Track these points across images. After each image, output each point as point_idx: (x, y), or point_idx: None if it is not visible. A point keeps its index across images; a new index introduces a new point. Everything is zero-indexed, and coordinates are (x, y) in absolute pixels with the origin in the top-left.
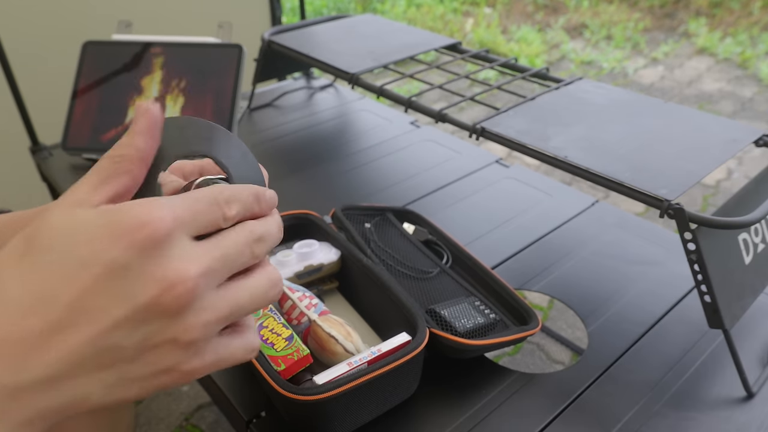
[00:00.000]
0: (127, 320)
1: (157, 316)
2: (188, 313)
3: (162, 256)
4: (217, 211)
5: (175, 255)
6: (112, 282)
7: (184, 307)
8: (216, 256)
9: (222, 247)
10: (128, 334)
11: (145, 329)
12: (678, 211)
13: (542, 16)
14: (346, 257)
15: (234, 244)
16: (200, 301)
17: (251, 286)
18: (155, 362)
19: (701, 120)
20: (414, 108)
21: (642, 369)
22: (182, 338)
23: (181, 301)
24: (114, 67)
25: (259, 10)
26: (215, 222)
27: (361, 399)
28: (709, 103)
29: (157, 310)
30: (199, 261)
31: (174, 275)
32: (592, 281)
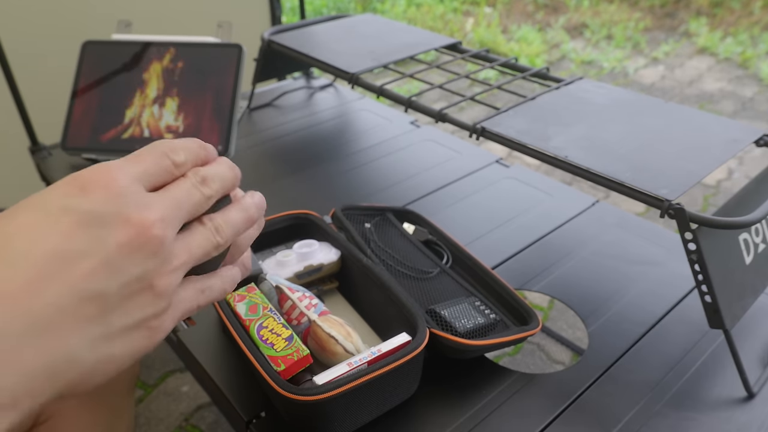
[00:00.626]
0: (105, 265)
1: (131, 259)
2: (158, 258)
3: (127, 204)
4: (165, 159)
5: (137, 203)
6: (86, 229)
7: (156, 249)
8: (168, 202)
9: (172, 192)
10: (108, 279)
11: (124, 274)
12: (678, 211)
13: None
14: (346, 257)
15: (181, 189)
16: (166, 247)
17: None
18: (136, 311)
19: (702, 120)
20: (414, 108)
21: (642, 369)
22: (156, 283)
23: (153, 243)
24: (114, 66)
25: (258, 10)
26: (166, 170)
27: (361, 399)
28: (709, 103)
29: (130, 253)
30: (158, 207)
31: (141, 219)
32: (592, 281)
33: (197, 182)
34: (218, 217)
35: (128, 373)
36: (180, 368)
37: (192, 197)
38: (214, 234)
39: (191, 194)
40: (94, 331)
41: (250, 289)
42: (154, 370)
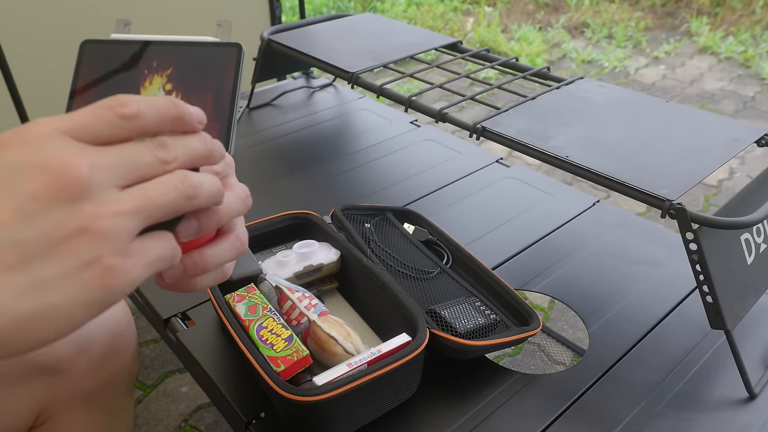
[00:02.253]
0: (19, 213)
1: (50, 205)
2: (87, 201)
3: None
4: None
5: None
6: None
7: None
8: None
9: (114, 147)
10: (25, 227)
11: (44, 221)
12: (680, 211)
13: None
14: (345, 257)
15: (128, 146)
16: (98, 191)
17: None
18: (70, 257)
19: (703, 119)
20: (414, 107)
21: (643, 370)
22: (92, 226)
23: (75, 186)
24: (112, 66)
25: (258, 9)
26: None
27: (361, 400)
28: (711, 103)
29: (47, 198)
30: (89, 155)
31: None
32: (593, 281)
33: (153, 145)
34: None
35: (127, 373)
36: (179, 369)
37: (140, 156)
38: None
39: (139, 153)
40: (19, 280)
41: (250, 290)
42: (153, 371)
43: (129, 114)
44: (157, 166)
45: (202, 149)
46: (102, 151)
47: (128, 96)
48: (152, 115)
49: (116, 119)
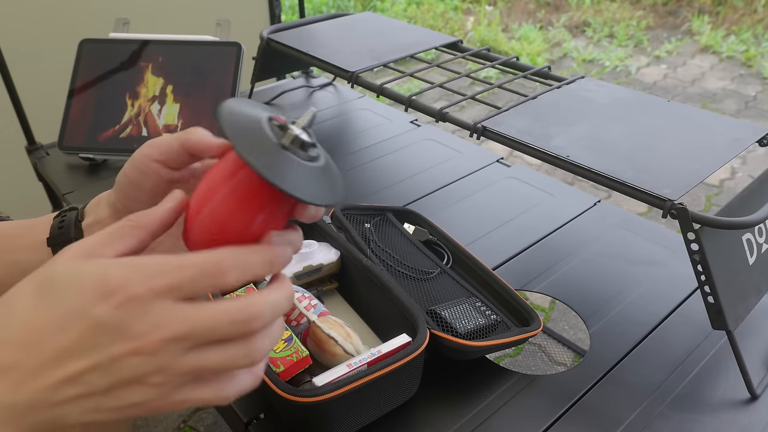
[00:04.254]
0: (101, 367)
1: (124, 367)
2: (152, 367)
3: (136, 320)
4: (206, 280)
5: (148, 321)
6: (92, 334)
7: (147, 363)
8: (187, 327)
9: (197, 318)
10: (102, 376)
11: (116, 375)
12: (681, 210)
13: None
14: (345, 258)
15: (213, 321)
16: (164, 361)
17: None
18: (125, 398)
19: (704, 119)
20: (414, 107)
21: (644, 371)
22: (148, 381)
23: (143, 358)
24: (111, 65)
25: (257, 8)
26: (202, 291)
27: (361, 401)
28: (712, 102)
29: (123, 362)
30: (167, 328)
31: (141, 338)
32: (594, 282)
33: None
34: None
35: None
36: None
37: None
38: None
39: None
40: (86, 406)
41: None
42: None
43: (226, 286)
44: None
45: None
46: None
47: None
48: (245, 281)
49: (211, 288)
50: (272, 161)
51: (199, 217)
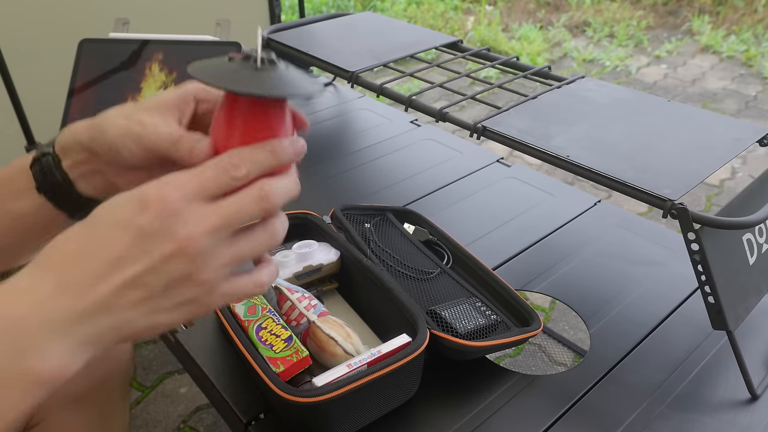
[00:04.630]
0: (152, 269)
1: (174, 265)
2: (201, 263)
3: (176, 223)
4: (224, 176)
5: (186, 221)
6: (140, 241)
7: (196, 258)
8: (219, 218)
9: (226, 208)
10: (155, 278)
11: (167, 274)
12: (681, 211)
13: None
14: (345, 258)
15: (238, 205)
16: (207, 254)
17: (253, 238)
18: (178, 296)
19: (705, 119)
20: (414, 107)
21: (645, 371)
22: (196, 278)
23: (189, 256)
24: (111, 65)
25: (257, 8)
26: (224, 186)
27: (361, 401)
28: (712, 102)
29: (173, 261)
30: (204, 223)
31: (184, 236)
32: (594, 282)
33: (257, 197)
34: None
35: (121, 374)
36: (178, 370)
37: (247, 211)
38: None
39: (247, 209)
40: (144, 309)
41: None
42: (152, 372)
43: (241, 176)
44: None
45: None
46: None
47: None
48: (257, 172)
49: (230, 180)
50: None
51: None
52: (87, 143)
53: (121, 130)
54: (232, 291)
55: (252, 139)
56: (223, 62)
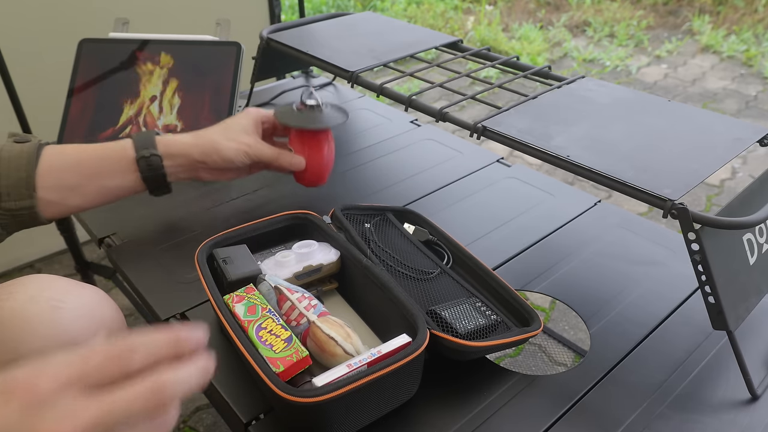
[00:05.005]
0: None
1: None
2: None
3: (43, 415)
4: (113, 364)
5: (55, 414)
6: None
7: None
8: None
9: (111, 400)
10: None
11: None
12: (681, 210)
13: (544, 14)
14: (345, 258)
15: (127, 397)
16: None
17: None
18: None
19: (705, 119)
20: (414, 107)
21: (645, 371)
22: None
23: None
24: (111, 65)
25: (257, 8)
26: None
27: (361, 401)
28: (713, 102)
29: None
30: (79, 418)
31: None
32: (594, 282)
33: (150, 390)
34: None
35: None
36: None
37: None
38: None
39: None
40: None
41: (249, 290)
42: None
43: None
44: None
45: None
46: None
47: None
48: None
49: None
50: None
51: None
52: (199, 157)
53: (234, 150)
54: None
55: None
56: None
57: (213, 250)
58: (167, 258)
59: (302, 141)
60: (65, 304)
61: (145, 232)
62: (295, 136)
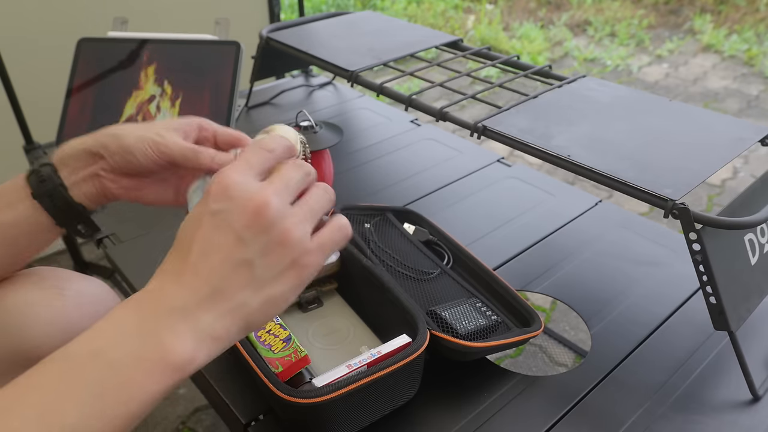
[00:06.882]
0: (240, 242)
1: (260, 229)
2: (280, 221)
3: (239, 195)
4: (260, 150)
5: (247, 191)
6: (220, 221)
7: (274, 217)
8: (277, 182)
9: (279, 176)
10: (247, 249)
11: (256, 242)
12: (683, 210)
13: (545, 13)
14: (345, 258)
15: (286, 171)
16: (283, 211)
17: (312, 194)
18: (278, 262)
19: (706, 118)
20: (414, 106)
21: (646, 371)
22: (287, 240)
23: (270, 214)
24: (109, 64)
25: (257, 7)
26: (265, 157)
27: (361, 402)
28: (714, 101)
29: (257, 225)
30: (266, 188)
31: (252, 203)
32: (595, 282)
33: (298, 166)
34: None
35: None
36: None
37: (296, 177)
38: (323, 191)
39: (294, 176)
40: (253, 285)
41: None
42: None
43: (271, 147)
44: (305, 179)
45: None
46: (272, 182)
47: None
48: (280, 149)
49: (267, 153)
50: None
51: None
52: (95, 148)
53: (138, 137)
54: (322, 241)
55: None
56: None
57: None
58: None
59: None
60: (68, 291)
61: (144, 232)
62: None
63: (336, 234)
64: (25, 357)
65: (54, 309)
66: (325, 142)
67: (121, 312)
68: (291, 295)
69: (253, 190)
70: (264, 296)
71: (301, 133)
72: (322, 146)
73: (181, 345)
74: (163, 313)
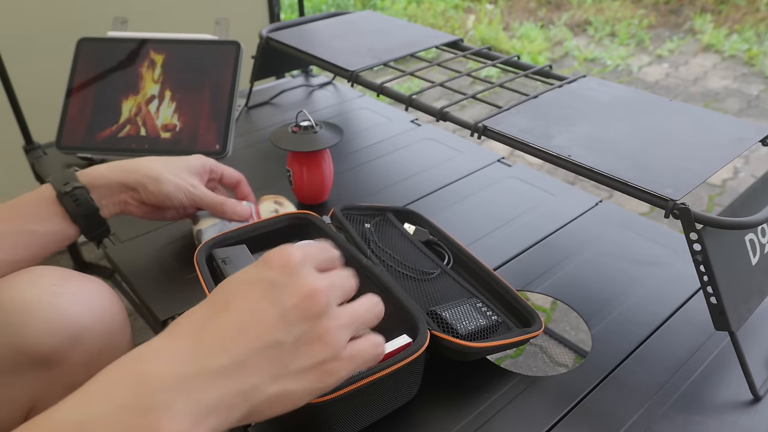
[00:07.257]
0: (282, 320)
1: (303, 317)
2: (324, 317)
3: (299, 276)
4: (327, 251)
5: (308, 275)
6: (272, 291)
7: (321, 310)
8: (330, 280)
9: (333, 275)
10: (284, 331)
11: (297, 329)
12: (683, 210)
13: (545, 13)
14: (345, 258)
15: (340, 275)
16: (330, 309)
17: (362, 303)
18: (308, 357)
19: (707, 118)
20: (414, 106)
21: (647, 372)
22: (325, 338)
23: (318, 305)
24: (109, 64)
25: (256, 7)
26: (328, 259)
27: (361, 402)
28: (715, 101)
29: (305, 309)
30: (324, 280)
31: (309, 287)
32: (595, 282)
33: (350, 276)
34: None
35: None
36: None
37: (346, 284)
38: (374, 305)
39: (345, 282)
40: (275, 371)
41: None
42: None
43: (335, 253)
44: (351, 291)
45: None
46: (329, 278)
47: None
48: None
49: (330, 258)
50: (289, 142)
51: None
52: (132, 185)
53: (176, 186)
54: (355, 353)
55: (312, 170)
56: (286, 132)
57: (212, 251)
58: (166, 258)
59: (299, 162)
60: (66, 290)
61: (144, 232)
62: (292, 158)
63: (370, 350)
64: (24, 355)
65: (52, 307)
66: (325, 142)
67: (118, 374)
68: (306, 397)
69: (312, 277)
70: (280, 387)
71: (301, 133)
72: (322, 146)
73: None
74: (164, 384)
